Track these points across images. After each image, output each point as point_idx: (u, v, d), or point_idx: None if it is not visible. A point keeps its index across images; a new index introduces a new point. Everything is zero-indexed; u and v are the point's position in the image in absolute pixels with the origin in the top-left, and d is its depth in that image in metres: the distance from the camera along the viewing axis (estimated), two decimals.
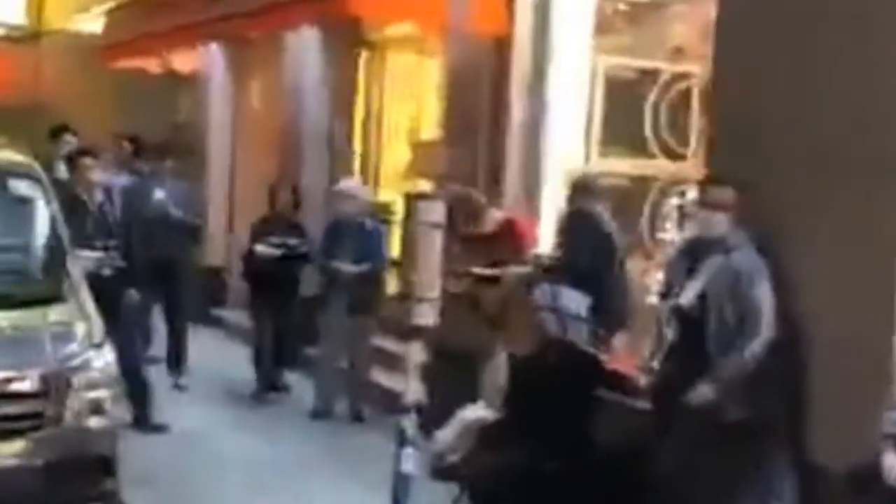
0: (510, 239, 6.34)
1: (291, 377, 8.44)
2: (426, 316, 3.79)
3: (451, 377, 6.17)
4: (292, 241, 8.07)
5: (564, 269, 5.57)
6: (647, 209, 7.33)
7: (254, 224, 8.44)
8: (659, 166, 7.43)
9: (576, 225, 5.95)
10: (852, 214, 4.94)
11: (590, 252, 5.69)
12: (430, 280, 3.77)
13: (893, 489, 4.07)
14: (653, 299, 5.90)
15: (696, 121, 7.17)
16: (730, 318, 4.99)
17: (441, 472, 6.43)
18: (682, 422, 5.07)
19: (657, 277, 6.40)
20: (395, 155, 10.06)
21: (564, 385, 5.36)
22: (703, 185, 5.38)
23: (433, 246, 3.76)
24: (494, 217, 6.52)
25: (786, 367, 5.08)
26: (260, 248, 8.07)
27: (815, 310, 5.05)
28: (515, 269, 5.97)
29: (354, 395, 7.72)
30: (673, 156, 7.37)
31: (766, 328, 4.92)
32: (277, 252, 8.01)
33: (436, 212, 3.85)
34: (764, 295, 4.96)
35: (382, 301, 7.94)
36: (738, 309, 4.97)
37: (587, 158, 7.52)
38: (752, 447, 5.02)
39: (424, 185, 8.58)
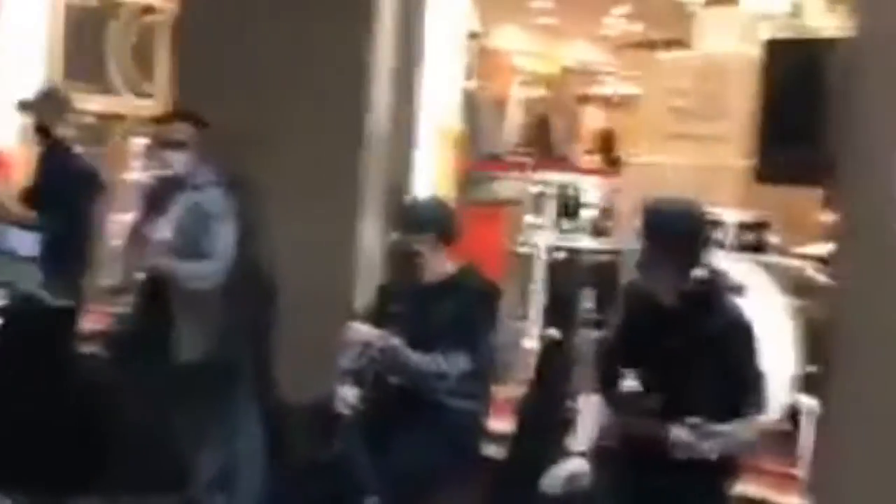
0: None
1: None
2: None
3: None
4: None
5: (39, 204, 5.17)
6: (111, 148, 7.03)
7: None
8: (125, 104, 7.16)
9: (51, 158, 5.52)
10: (314, 162, 5.03)
11: (70, 187, 5.32)
12: None
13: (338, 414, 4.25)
14: (117, 242, 5.63)
15: (162, 57, 6.95)
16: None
17: None
18: (144, 369, 4.92)
19: (123, 219, 6.15)
20: None
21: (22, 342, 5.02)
22: (160, 122, 5.20)
23: None
24: None
25: (250, 309, 5.10)
26: None
27: (281, 254, 5.11)
28: None
29: None
30: (139, 93, 7.12)
31: (222, 260, 4.89)
32: None
33: None
34: (226, 232, 4.92)
35: None
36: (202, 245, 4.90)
37: None
38: (215, 389, 4.98)
39: None
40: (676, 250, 3.59)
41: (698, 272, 3.64)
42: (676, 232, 3.61)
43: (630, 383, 3.81)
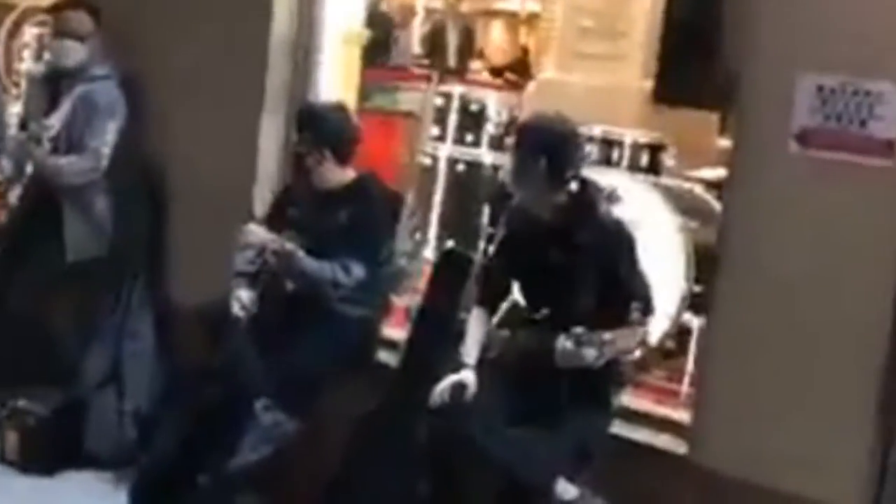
0: None
1: None
2: None
3: None
4: None
5: None
6: (2, 38, 6.79)
7: None
8: None
9: None
10: (216, 63, 4.93)
11: None
12: None
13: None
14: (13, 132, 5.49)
15: None
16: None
17: None
18: (33, 264, 4.84)
19: (15, 111, 5.98)
20: None
21: None
22: (59, 11, 5.05)
23: None
24: None
25: (142, 208, 5.03)
26: None
27: (179, 154, 5.03)
28: None
29: None
30: None
31: (100, 156, 4.83)
32: None
33: None
34: (111, 128, 4.83)
35: None
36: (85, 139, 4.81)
37: None
38: (105, 288, 4.93)
39: None
40: (547, 165, 3.63)
41: (572, 186, 3.69)
42: (546, 147, 3.65)
43: (515, 297, 3.88)
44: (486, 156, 5.41)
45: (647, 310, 3.63)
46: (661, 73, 5.82)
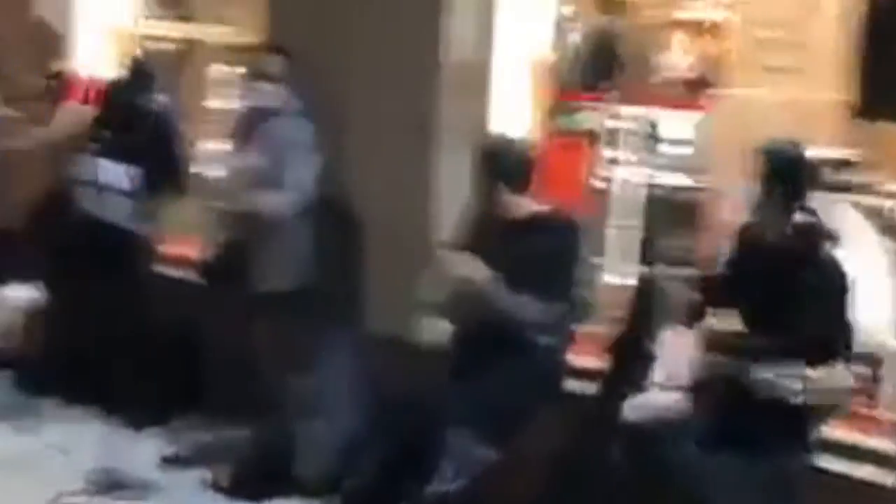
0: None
1: None
2: None
3: None
4: None
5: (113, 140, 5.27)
6: (193, 76, 7.05)
7: None
8: (206, 31, 7.16)
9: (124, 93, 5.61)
10: (400, 95, 5.01)
11: (140, 123, 5.40)
12: None
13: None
14: (200, 168, 5.72)
15: None
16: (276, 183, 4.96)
17: None
18: (234, 296, 4.99)
19: (207, 147, 6.21)
20: None
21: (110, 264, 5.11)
22: (253, 54, 5.24)
23: None
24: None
25: (335, 239, 5.15)
26: None
27: (366, 186, 5.14)
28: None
29: None
30: (220, 20, 7.12)
31: (301, 190, 4.94)
32: None
33: None
34: (308, 161, 4.96)
35: None
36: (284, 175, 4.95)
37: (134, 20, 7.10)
38: (301, 318, 5.05)
39: None
40: (788, 192, 3.66)
41: (799, 217, 3.65)
42: (790, 174, 3.68)
43: (725, 322, 3.82)
44: (662, 177, 5.29)
45: (849, 353, 3.57)
46: (860, 86, 5.59)
